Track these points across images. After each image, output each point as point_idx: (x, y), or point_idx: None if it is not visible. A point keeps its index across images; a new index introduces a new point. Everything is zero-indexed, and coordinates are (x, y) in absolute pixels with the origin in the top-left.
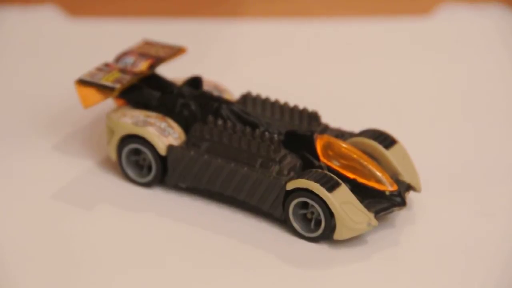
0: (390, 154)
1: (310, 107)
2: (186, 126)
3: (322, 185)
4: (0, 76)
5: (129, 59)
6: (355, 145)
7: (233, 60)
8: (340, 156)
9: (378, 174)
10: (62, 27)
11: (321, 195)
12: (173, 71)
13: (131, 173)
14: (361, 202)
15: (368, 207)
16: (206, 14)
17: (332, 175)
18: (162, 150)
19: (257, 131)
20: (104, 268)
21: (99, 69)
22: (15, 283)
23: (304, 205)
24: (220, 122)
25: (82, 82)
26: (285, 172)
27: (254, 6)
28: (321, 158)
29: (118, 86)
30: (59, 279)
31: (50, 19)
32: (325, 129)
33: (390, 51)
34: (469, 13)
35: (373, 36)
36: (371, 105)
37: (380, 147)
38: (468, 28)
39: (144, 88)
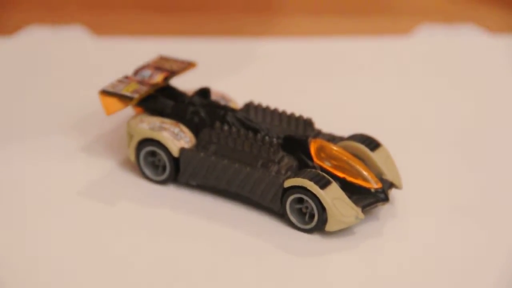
0: (375, 156)
1: (305, 115)
2: (196, 131)
3: (316, 183)
4: (34, 87)
5: (146, 72)
6: (345, 148)
7: (237, 73)
8: (331, 157)
9: (365, 173)
10: (88, 44)
11: (314, 192)
12: (185, 83)
13: (148, 172)
14: (350, 198)
15: (355, 202)
16: (212, 34)
17: (324, 174)
18: (175, 152)
19: (259, 136)
20: (125, 255)
21: (120, 81)
22: (44, 270)
23: (300, 200)
24: (226, 127)
25: (105, 93)
26: (283, 171)
27: (253, 28)
28: (315, 159)
29: (136, 96)
30: (86, 264)
31: (78, 38)
32: (318, 134)
33: (375, 67)
34: (445, 33)
35: (360, 53)
36: (359, 112)
37: (366, 150)
38: (444, 45)
39: (159, 98)
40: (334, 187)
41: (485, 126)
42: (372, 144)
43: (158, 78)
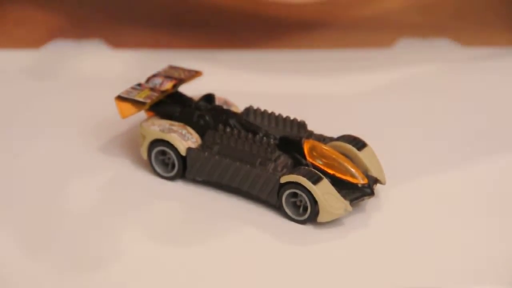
0: (361, 155)
1: (299, 118)
2: (201, 132)
3: (308, 179)
4: (57, 93)
5: (157, 80)
6: (334, 148)
7: (239, 81)
8: (322, 156)
9: (352, 170)
10: (106, 56)
11: (307, 187)
12: (192, 90)
13: (158, 169)
14: (339, 192)
15: (344, 196)
16: (216, 47)
17: (316, 171)
18: (183, 152)
19: (257, 137)
20: (137, 243)
21: (133, 88)
22: (62, 260)
23: (294, 194)
24: (228, 129)
25: (120, 98)
26: (279, 169)
27: (252, 41)
28: (308, 158)
29: (148, 101)
30: (101, 252)
31: (97, 50)
32: (311, 135)
33: (359, 75)
34: (422, 46)
35: (346, 62)
36: (346, 115)
37: (353, 149)
38: (421, 57)
39: (169, 103)
40: (325, 182)
41: (460, 128)
42: (359, 144)
43: (168, 85)
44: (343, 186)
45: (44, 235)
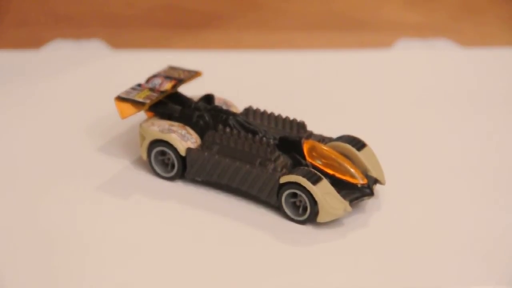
0: (361, 155)
1: (298, 118)
2: (201, 133)
3: (308, 179)
4: (58, 94)
5: (157, 81)
6: (334, 148)
7: (238, 81)
8: (322, 156)
9: (352, 170)
10: (106, 56)
11: (307, 187)
12: (191, 90)
13: (158, 169)
14: (339, 192)
15: (344, 196)
16: (215, 47)
17: (315, 171)
18: (182, 152)
19: (257, 137)
20: (136, 242)
21: (133, 88)
22: (60, 261)
23: (294, 195)
24: (227, 129)
25: (120, 98)
26: (279, 169)
27: (251, 42)
28: (307, 158)
29: (148, 101)
30: (100, 252)
31: (97, 51)
32: (310, 135)
33: (359, 75)
34: (421, 46)
35: (347, 63)
36: (346, 116)
37: (353, 149)
38: (420, 57)
39: (168, 103)
40: (325, 183)
41: (460, 128)
42: (359, 144)
43: (167, 85)
44: (342, 187)
45: (43, 234)
